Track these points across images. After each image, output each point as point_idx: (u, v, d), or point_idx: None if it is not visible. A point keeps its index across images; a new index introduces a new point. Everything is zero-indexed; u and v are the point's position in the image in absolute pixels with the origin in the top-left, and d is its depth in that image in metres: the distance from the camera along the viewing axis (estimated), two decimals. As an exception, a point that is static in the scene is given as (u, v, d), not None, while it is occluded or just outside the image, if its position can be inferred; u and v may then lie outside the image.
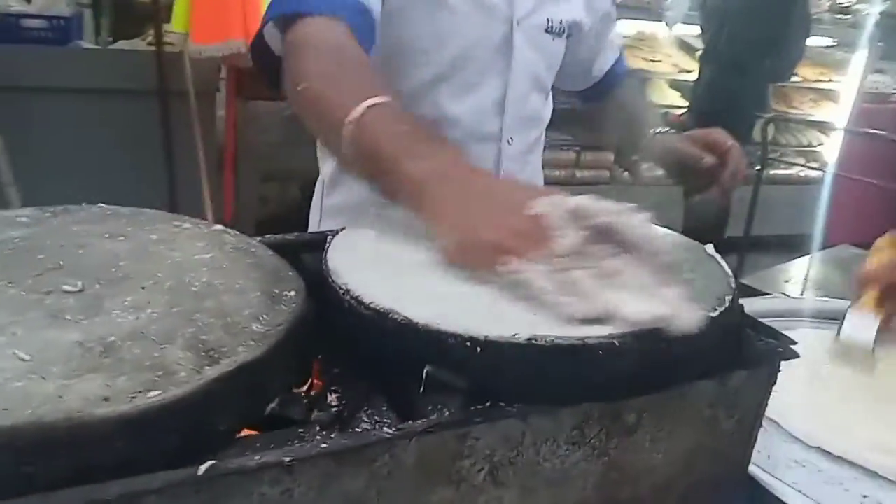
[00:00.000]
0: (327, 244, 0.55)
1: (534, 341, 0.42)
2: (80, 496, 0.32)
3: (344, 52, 0.71)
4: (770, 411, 0.53)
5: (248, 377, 0.38)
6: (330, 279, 0.49)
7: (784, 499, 0.58)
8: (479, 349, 0.42)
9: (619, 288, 0.46)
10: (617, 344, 0.43)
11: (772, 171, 3.60)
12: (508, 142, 0.97)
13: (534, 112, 1.00)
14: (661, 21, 3.59)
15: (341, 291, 0.47)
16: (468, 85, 0.92)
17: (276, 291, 0.47)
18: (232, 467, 0.34)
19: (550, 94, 1.07)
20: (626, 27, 4.04)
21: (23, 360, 0.36)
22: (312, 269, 0.54)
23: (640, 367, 0.45)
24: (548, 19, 0.95)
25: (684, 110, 3.29)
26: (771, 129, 3.68)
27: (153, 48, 2.66)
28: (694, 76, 3.15)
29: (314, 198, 1.05)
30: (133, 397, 0.35)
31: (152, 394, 0.35)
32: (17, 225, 0.51)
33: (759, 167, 2.91)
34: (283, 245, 0.58)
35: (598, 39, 1.11)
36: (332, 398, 0.43)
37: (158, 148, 2.72)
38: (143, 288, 0.44)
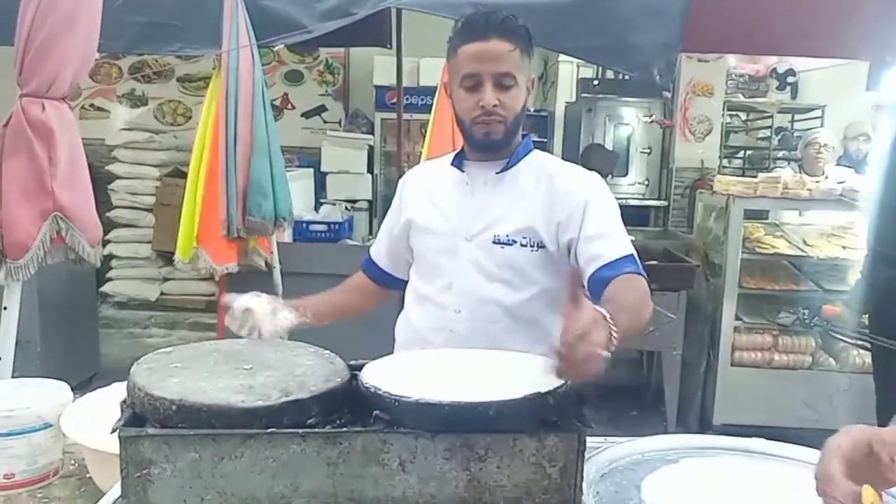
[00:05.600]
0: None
1: (419, 400, 0.90)
2: (236, 434, 0.87)
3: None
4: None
5: (294, 404, 0.92)
6: (359, 373, 1.03)
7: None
8: (396, 403, 0.91)
9: None
10: (466, 406, 0.89)
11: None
12: (456, 311, 1.51)
13: (485, 296, 1.51)
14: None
15: (359, 377, 1.00)
16: (432, 275, 1.56)
17: (330, 378, 1.01)
18: (277, 431, 0.88)
19: (523, 285, 1.51)
20: (831, 218, 4.16)
21: (218, 386, 0.94)
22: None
23: (486, 421, 0.90)
24: (494, 235, 1.50)
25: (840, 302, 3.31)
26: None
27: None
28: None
29: None
30: (249, 402, 0.90)
31: (257, 402, 0.90)
32: (239, 344, 1.13)
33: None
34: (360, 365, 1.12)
35: (582, 254, 1.47)
36: (340, 422, 0.95)
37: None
38: (276, 370, 1.01)
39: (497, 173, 1.55)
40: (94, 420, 1.47)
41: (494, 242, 1.51)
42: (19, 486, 1.36)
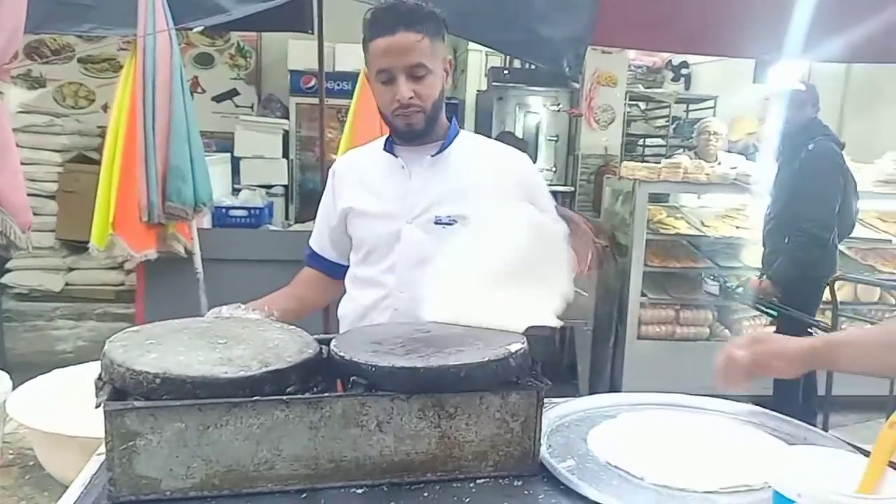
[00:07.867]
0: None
1: (395, 365, 0.97)
2: (221, 404, 0.92)
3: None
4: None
5: (274, 374, 0.97)
6: (330, 343, 1.09)
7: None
8: (373, 369, 0.98)
9: None
10: (439, 368, 0.97)
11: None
12: (401, 292, 1.57)
13: None
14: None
15: (330, 346, 1.07)
16: (374, 259, 1.62)
17: (303, 350, 1.06)
18: (262, 399, 0.93)
19: None
20: (725, 200, 4.51)
21: (199, 359, 0.98)
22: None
23: (456, 382, 0.98)
24: (436, 216, 1.56)
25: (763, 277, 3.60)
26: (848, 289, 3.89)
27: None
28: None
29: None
30: (232, 373, 0.95)
31: (239, 373, 0.95)
32: (205, 322, 1.17)
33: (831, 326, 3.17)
34: (326, 340, 1.18)
35: None
36: (316, 389, 1.01)
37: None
38: (249, 343, 1.06)
39: (433, 156, 1.61)
40: (40, 406, 1.47)
41: (436, 223, 1.57)
42: (-39, 476, 1.35)
